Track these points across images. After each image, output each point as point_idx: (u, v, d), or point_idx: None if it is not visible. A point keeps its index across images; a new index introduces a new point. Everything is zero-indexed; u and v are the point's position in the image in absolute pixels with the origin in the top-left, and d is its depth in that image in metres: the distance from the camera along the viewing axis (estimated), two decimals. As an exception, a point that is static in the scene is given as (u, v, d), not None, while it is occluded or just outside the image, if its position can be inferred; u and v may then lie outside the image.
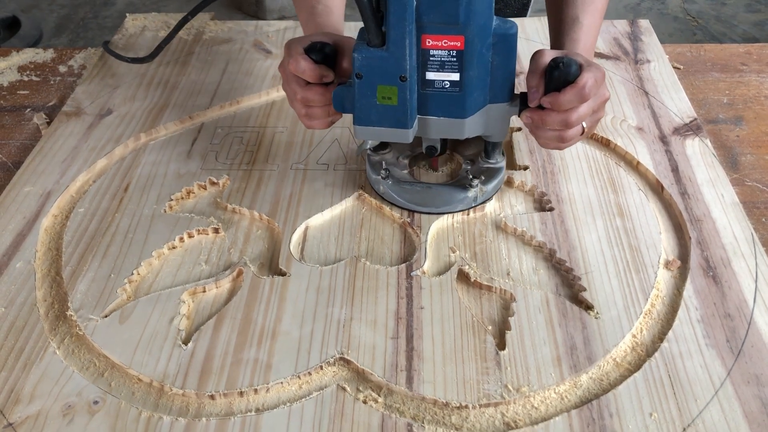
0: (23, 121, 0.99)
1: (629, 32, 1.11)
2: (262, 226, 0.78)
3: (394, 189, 0.78)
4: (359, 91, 0.69)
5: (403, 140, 0.72)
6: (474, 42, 0.67)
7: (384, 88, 0.68)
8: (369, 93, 0.68)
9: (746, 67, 1.05)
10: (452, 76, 0.68)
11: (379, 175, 0.79)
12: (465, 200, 0.77)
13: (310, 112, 0.74)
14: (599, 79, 0.68)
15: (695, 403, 0.59)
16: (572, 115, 0.68)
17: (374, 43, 0.66)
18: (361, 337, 0.65)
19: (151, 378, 0.63)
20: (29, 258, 0.75)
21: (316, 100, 0.72)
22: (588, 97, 0.67)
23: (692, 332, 0.65)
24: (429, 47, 0.67)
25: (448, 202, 0.77)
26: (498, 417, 0.59)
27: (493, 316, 0.68)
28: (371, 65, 0.67)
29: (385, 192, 0.79)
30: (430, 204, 0.78)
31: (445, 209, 0.77)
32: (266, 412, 0.60)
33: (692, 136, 0.88)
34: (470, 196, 0.77)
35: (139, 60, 1.00)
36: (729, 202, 0.78)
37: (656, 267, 0.71)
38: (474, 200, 0.78)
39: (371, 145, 0.79)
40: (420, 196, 0.78)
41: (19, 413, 0.60)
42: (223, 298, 0.71)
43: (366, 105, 0.69)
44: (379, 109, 0.69)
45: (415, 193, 0.78)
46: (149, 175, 0.85)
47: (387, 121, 0.70)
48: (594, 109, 0.69)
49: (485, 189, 0.78)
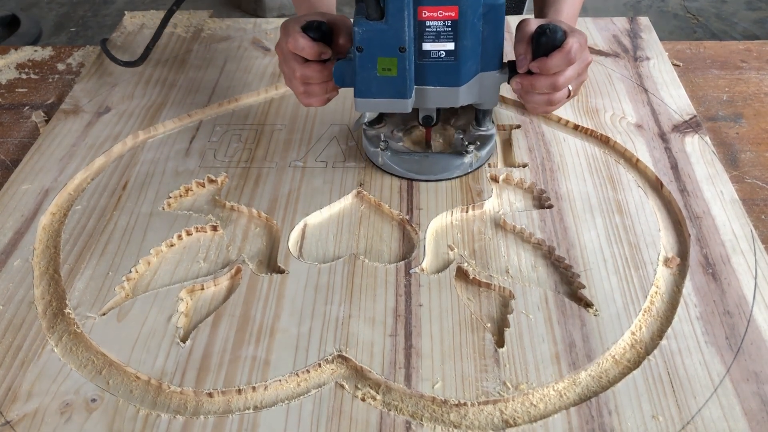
0: (21, 119, 0.98)
1: (629, 29, 1.11)
2: (260, 224, 0.78)
3: (393, 159, 0.81)
4: (360, 64, 0.71)
5: (403, 110, 0.75)
6: (467, 12, 0.70)
7: (384, 60, 0.71)
8: (369, 65, 0.71)
9: (746, 64, 1.05)
10: (447, 45, 0.71)
11: (378, 148, 0.81)
12: (461, 166, 0.80)
13: (308, 89, 0.76)
14: (583, 43, 0.72)
15: (694, 400, 0.59)
16: (559, 78, 0.72)
17: (373, 16, 0.68)
18: (360, 335, 0.65)
19: (149, 376, 0.62)
20: (27, 256, 0.75)
21: (314, 76, 0.74)
22: (574, 60, 0.71)
23: (691, 329, 0.65)
24: (425, 18, 0.70)
25: (445, 168, 0.80)
26: (497, 414, 0.59)
27: (492, 314, 0.68)
28: (371, 38, 0.69)
29: (384, 163, 0.81)
30: (428, 171, 0.80)
31: (443, 176, 0.80)
32: (264, 409, 0.60)
33: (692, 134, 0.88)
34: (466, 162, 0.80)
35: (130, 64, 1.01)
36: (728, 199, 0.78)
37: (655, 264, 0.71)
38: (470, 166, 0.81)
39: (368, 118, 0.82)
40: (418, 165, 0.81)
41: (17, 411, 0.60)
42: (221, 295, 0.71)
43: (366, 77, 0.72)
44: (380, 80, 0.72)
45: (414, 162, 0.81)
46: (147, 172, 0.85)
47: (387, 92, 0.73)
48: (578, 72, 0.74)
49: (480, 155, 0.81)
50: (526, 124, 0.90)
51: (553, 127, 0.90)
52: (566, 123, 0.90)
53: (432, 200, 0.79)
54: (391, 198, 0.79)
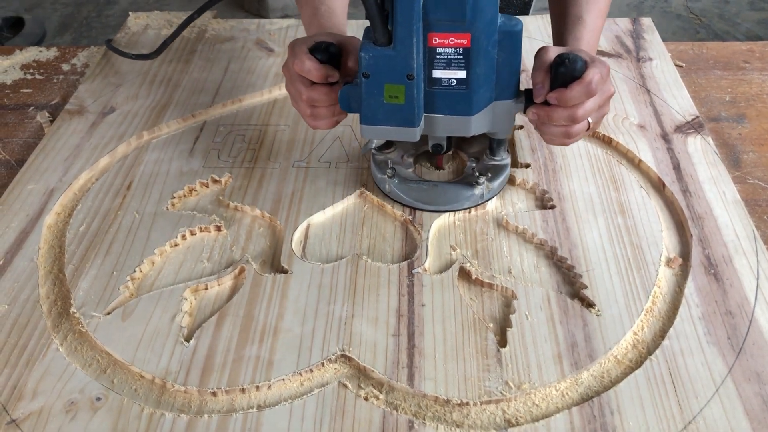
0: (26, 119, 0.99)
1: (631, 30, 1.11)
2: (263, 224, 0.79)
3: (400, 188, 0.78)
4: (366, 90, 0.69)
5: (410, 139, 0.72)
6: (480, 39, 0.67)
7: (391, 87, 0.68)
8: (376, 92, 0.69)
9: (749, 65, 1.05)
10: (459, 73, 0.69)
11: (385, 174, 0.79)
12: (471, 197, 0.78)
13: (315, 112, 0.74)
14: (605, 74, 0.68)
15: (696, 400, 0.59)
16: (578, 110, 0.68)
17: (381, 41, 0.66)
18: (363, 335, 0.65)
19: (153, 375, 0.63)
20: (32, 255, 0.75)
21: (321, 99, 0.72)
22: (594, 92, 0.67)
23: (693, 330, 0.65)
24: (436, 45, 0.67)
25: (454, 199, 0.78)
26: (499, 414, 0.60)
27: (495, 314, 0.68)
28: (378, 64, 0.67)
29: (391, 191, 0.79)
30: (436, 202, 0.78)
31: (452, 207, 0.78)
32: (268, 408, 0.60)
33: (694, 134, 0.88)
34: (477, 194, 0.78)
35: (143, 56, 1.01)
36: (731, 199, 0.78)
37: (657, 265, 0.71)
38: (480, 197, 0.78)
39: (376, 144, 0.80)
40: (426, 195, 0.78)
41: (22, 409, 0.61)
42: (225, 295, 0.71)
43: (373, 104, 0.70)
44: (386, 107, 0.70)
45: (422, 192, 0.78)
46: (152, 173, 0.85)
47: (394, 119, 0.70)
48: (599, 105, 0.70)
49: (491, 186, 0.78)
50: (528, 126, 0.90)
51: (555, 128, 0.90)
52: (569, 124, 0.90)
53: (435, 200, 0.79)
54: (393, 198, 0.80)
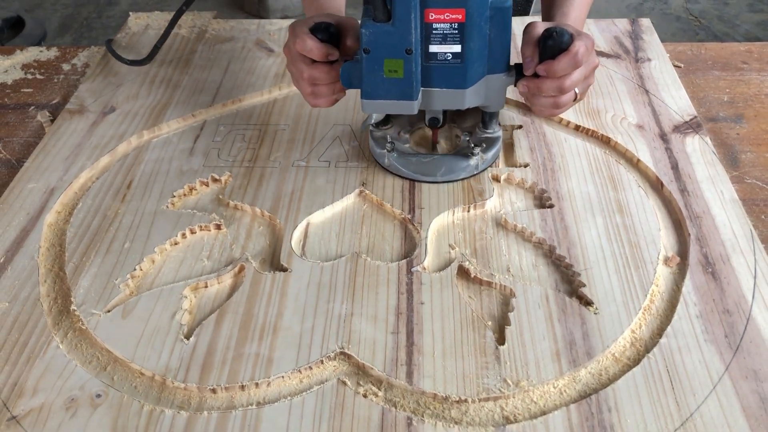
0: (27, 118, 0.99)
1: (630, 31, 1.12)
2: (263, 223, 0.79)
3: (399, 161, 0.81)
4: (367, 65, 0.72)
5: (409, 112, 0.75)
6: (474, 14, 0.70)
7: (390, 62, 0.71)
8: (376, 67, 0.72)
9: (747, 66, 1.05)
10: (454, 48, 0.72)
11: (384, 149, 0.81)
12: (467, 168, 0.81)
13: (316, 90, 0.76)
14: (590, 46, 0.73)
15: (693, 397, 0.60)
16: (566, 81, 0.72)
17: (380, 18, 0.69)
18: (362, 332, 0.66)
19: (153, 372, 0.63)
20: (33, 254, 0.76)
21: (322, 77, 0.75)
22: (581, 63, 0.71)
23: (691, 328, 0.65)
24: (432, 21, 0.70)
25: (451, 170, 0.81)
26: (497, 411, 0.60)
27: (493, 312, 0.68)
28: (378, 40, 0.70)
29: (390, 164, 0.82)
30: (434, 173, 0.81)
31: (449, 177, 0.81)
32: (267, 405, 0.60)
33: (692, 134, 0.88)
34: (472, 164, 0.81)
35: (137, 62, 1.02)
36: (728, 199, 0.79)
37: (655, 263, 0.72)
38: (476, 168, 0.81)
39: (375, 119, 0.83)
40: (424, 167, 0.81)
41: (23, 406, 0.61)
42: (224, 293, 0.71)
43: (373, 79, 0.72)
44: (386, 82, 0.72)
45: (420, 164, 0.81)
46: (152, 172, 0.86)
47: (393, 93, 0.73)
48: (585, 75, 0.74)
49: (486, 157, 0.81)
50: (527, 125, 0.91)
51: (554, 128, 0.90)
52: (567, 123, 0.91)
53: (434, 199, 0.79)
54: (394, 197, 0.80)
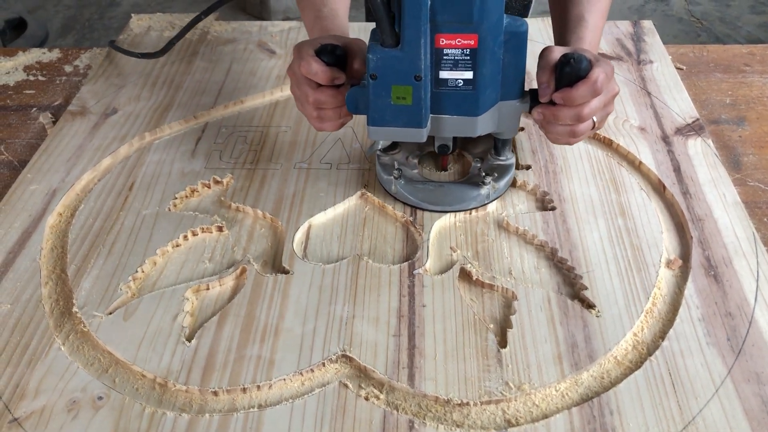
0: (29, 120, 0.99)
1: (632, 33, 1.12)
2: (265, 225, 0.79)
3: (407, 188, 0.79)
4: (374, 91, 0.69)
5: (417, 140, 0.72)
6: (487, 40, 0.67)
7: (398, 88, 0.69)
8: (383, 93, 0.69)
9: (749, 68, 1.05)
10: (465, 74, 0.69)
11: (391, 176, 0.79)
12: (478, 197, 0.78)
13: (321, 114, 0.74)
14: (609, 73, 0.69)
15: (696, 401, 0.60)
16: (584, 109, 0.69)
17: (388, 43, 0.66)
18: (363, 335, 0.66)
19: (154, 374, 0.63)
20: (35, 255, 0.76)
21: (328, 101, 0.72)
22: (600, 91, 0.68)
23: (693, 331, 0.65)
24: (443, 46, 0.68)
25: (461, 199, 0.78)
26: (499, 414, 0.60)
27: (495, 315, 0.68)
28: (386, 65, 0.67)
29: (397, 192, 0.79)
30: (442, 202, 0.78)
31: (458, 207, 0.78)
32: (269, 408, 0.60)
33: (694, 137, 0.88)
34: (483, 194, 0.78)
35: (149, 55, 1.01)
36: (731, 201, 0.79)
37: (658, 266, 0.71)
38: (486, 197, 0.78)
39: (382, 146, 0.80)
40: (432, 195, 0.79)
41: (25, 408, 0.61)
42: (226, 295, 0.71)
43: (380, 105, 0.70)
44: (394, 109, 0.70)
45: (428, 192, 0.79)
46: (154, 173, 0.86)
47: (401, 120, 0.71)
48: (605, 103, 0.70)
49: (497, 186, 0.79)
50: (529, 127, 0.91)
51: (556, 130, 0.90)
52: (569, 126, 0.91)
53: (436, 202, 0.79)
54: (395, 200, 0.80)
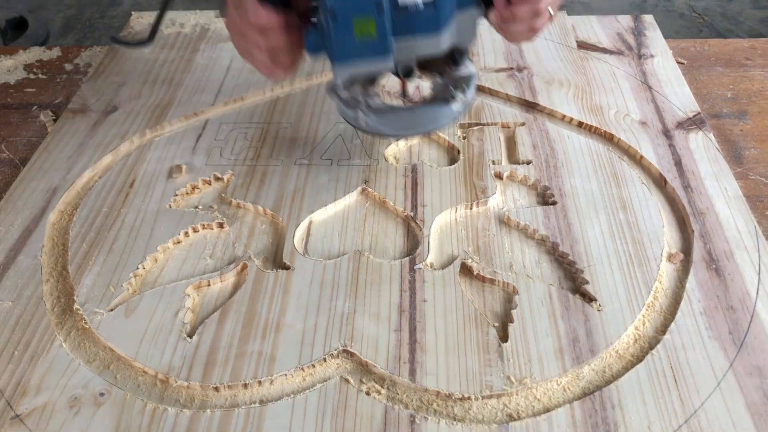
0: (30, 118, 0.99)
1: (633, 27, 1.11)
2: (266, 221, 0.79)
3: (378, 120, 0.76)
4: (335, 27, 0.66)
5: (386, 69, 0.70)
6: None
7: (360, 20, 0.66)
8: (345, 28, 0.66)
9: (751, 62, 1.05)
10: None
11: (357, 108, 0.76)
12: (450, 114, 0.76)
13: (275, 59, 0.70)
14: None
15: (697, 394, 0.59)
16: (540, 2, 0.68)
17: None
18: (365, 330, 0.66)
19: (156, 370, 0.63)
20: (36, 253, 0.76)
21: (281, 44, 0.69)
22: None
23: (695, 324, 0.65)
24: None
25: (434, 119, 0.76)
26: (500, 408, 0.60)
27: (496, 309, 0.68)
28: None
29: (368, 126, 0.76)
30: (417, 126, 0.76)
31: (435, 126, 0.76)
32: (270, 403, 0.60)
33: (696, 130, 0.88)
34: (455, 109, 0.76)
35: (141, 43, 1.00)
36: (732, 195, 0.78)
37: (659, 260, 0.71)
38: (459, 113, 0.77)
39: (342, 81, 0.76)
40: (406, 121, 0.76)
41: (26, 405, 0.61)
42: (227, 291, 0.71)
43: (343, 41, 0.67)
44: (357, 42, 0.67)
45: (401, 119, 0.76)
46: (154, 171, 0.86)
47: (367, 53, 0.68)
48: None
49: (466, 98, 0.77)
50: (530, 122, 0.91)
51: (557, 125, 0.90)
52: (570, 120, 0.91)
53: (436, 197, 0.79)
54: (396, 195, 0.80)
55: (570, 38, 1.08)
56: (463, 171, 0.83)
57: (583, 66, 1.01)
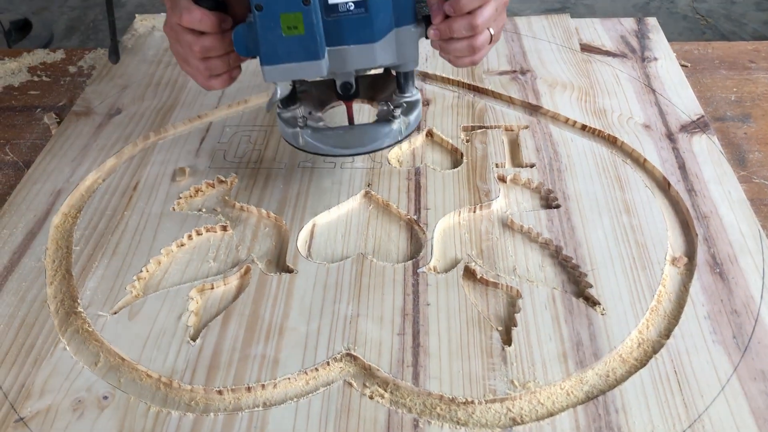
0: (34, 120, 1.00)
1: (636, 30, 1.11)
2: (269, 224, 0.79)
3: (316, 137, 0.75)
4: (261, 24, 0.64)
5: (318, 74, 0.68)
6: None
7: (288, 17, 0.64)
8: (272, 25, 0.64)
9: (754, 65, 1.04)
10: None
11: (296, 127, 0.75)
12: (390, 134, 0.75)
13: (210, 66, 0.69)
14: None
15: (701, 399, 0.59)
16: (477, 18, 0.67)
17: None
18: (368, 334, 0.66)
19: (159, 373, 0.63)
20: (39, 255, 0.76)
21: (215, 47, 0.68)
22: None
23: (699, 328, 0.65)
24: None
25: (374, 138, 0.75)
26: (504, 412, 0.60)
27: (500, 313, 0.68)
28: None
29: (306, 143, 0.75)
30: (357, 144, 0.75)
31: (374, 146, 0.75)
32: (274, 407, 0.60)
33: (699, 134, 0.88)
34: (395, 129, 0.75)
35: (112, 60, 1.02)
36: (736, 199, 0.78)
37: (663, 264, 0.71)
38: (399, 133, 0.76)
39: (281, 94, 0.74)
40: (344, 139, 0.75)
41: (30, 408, 0.61)
42: (230, 294, 0.71)
43: (271, 40, 0.65)
44: (287, 42, 0.65)
45: (338, 137, 0.75)
46: (158, 173, 0.86)
47: (297, 54, 0.66)
48: (497, 10, 0.69)
49: (408, 120, 0.76)
50: (533, 125, 0.90)
51: (560, 128, 0.90)
52: (574, 123, 0.91)
53: (439, 200, 0.79)
54: (399, 198, 0.80)
55: (573, 41, 1.08)
56: (466, 174, 0.83)
57: (587, 69, 1.01)
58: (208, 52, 0.68)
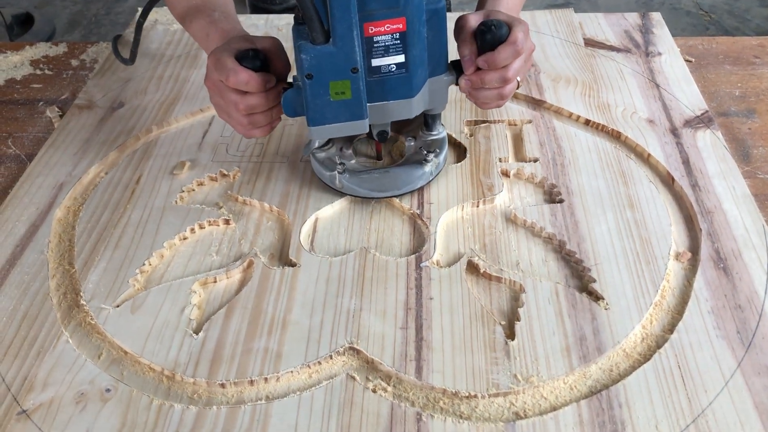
0: (36, 114, 0.99)
1: (640, 25, 1.11)
2: (272, 218, 0.79)
3: (353, 181, 0.78)
4: (311, 91, 0.68)
5: (360, 131, 0.73)
6: (414, 21, 0.68)
7: (336, 84, 0.68)
8: (321, 92, 0.68)
9: (759, 60, 1.04)
10: (397, 58, 0.69)
11: (334, 171, 0.78)
12: (423, 176, 0.79)
13: (253, 120, 0.72)
14: (526, 32, 0.71)
15: (705, 394, 0.59)
16: (509, 71, 0.71)
17: (319, 40, 0.65)
18: (371, 327, 0.66)
19: (162, 366, 0.63)
20: (42, 248, 0.76)
21: (259, 105, 0.70)
22: (522, 51, 0.70)
23: (702, 323, 0.65)
24: (372, 34, 0.68)
25: (408, 181, 0.79)
26: (507, 406, 0.60)
27: (503, 307, 0.68)
28: (321, 63, 0.67)
29: (343, 186, 0.78)
30: (391, 187, 0.79)
31: (408, 189, 0.79)
32: (276, 400, 0.60)
33: (703, 129, 0.88)
34: (427, 171, 0.79)
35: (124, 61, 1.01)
36: (740, 194, 0.78)
37: (666, 259, 0.71)
38: (431, 174, 0.80)
39: (319, 143, 0.80)
40: (380, 182, 0.79)
41: (33, 400, 0.61)
42: (233, 288, 0.71)
43: (319, 104, 0.69)
44: (333, 105, 0.69)
45: (374, 180, 0.79)
46: (160, 167, 0.86)
47: (342, 116, 0.70)
48: (525, 61, 0.73)
49: (438, 161, 0.80)
50: (537, 120, 0.90)
51: (564, 122, 0.90)
52: (578, 118, 0.90)
53: (443, 195, 0.79)
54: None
55: (577, 35, 1.08)
56: (469, 168, 0.83)
57: (590, 63, 1.01)
58: (253, 109, 0.70)
